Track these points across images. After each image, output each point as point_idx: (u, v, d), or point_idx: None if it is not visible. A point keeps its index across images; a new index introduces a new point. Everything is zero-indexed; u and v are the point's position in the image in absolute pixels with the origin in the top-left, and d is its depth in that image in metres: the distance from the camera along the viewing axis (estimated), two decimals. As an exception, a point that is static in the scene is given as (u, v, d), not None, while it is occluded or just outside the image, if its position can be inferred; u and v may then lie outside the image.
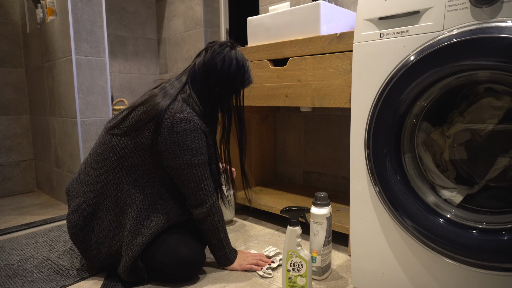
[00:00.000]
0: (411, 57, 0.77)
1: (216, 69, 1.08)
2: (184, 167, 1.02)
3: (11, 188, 2.16)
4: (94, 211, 1.04)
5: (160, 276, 1.05)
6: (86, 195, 1.05)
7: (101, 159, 1.06)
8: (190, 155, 1.02)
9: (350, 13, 1.37)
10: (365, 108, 0.88)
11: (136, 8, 2.59)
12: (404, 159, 0.86)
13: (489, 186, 0.87)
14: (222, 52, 1.09)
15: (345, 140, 1.64)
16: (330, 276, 1.10)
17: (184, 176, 1.04)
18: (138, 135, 1.02)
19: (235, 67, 1.10)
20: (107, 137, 1.07)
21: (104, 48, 1.72)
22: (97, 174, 1.05)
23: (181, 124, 1.00)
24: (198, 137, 1.03)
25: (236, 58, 1.11)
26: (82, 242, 1.04)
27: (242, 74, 1.12)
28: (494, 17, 0.68)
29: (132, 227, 1.02)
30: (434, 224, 0.78)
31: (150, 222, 1.04)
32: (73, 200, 1.08)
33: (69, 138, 1.75)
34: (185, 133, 1.00)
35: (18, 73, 2.14)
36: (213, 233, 1.08)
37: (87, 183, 1.06)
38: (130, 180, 1.04)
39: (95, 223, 1.04)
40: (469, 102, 0.88)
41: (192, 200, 1.06)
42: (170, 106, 1.02)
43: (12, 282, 1.07)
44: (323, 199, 1.06)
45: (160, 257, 1.02)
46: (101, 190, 1.04)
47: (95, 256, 1.05)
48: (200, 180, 1.05)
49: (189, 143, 1.01)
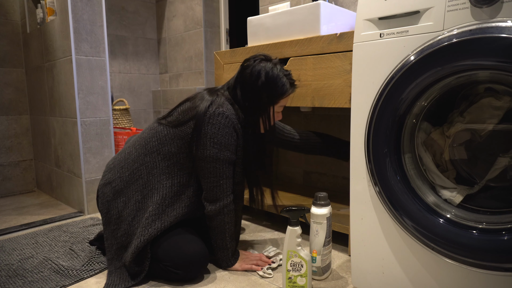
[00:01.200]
0: (411, 57, 0.77)
1: (243, 83, 1.11)
2: (209, 160, 1.05)
3: (11, 188, 2.16)
4: (125, 188, 1.10)
5: (161, 269, 1.05)
6: (123, 172, 1.12)
7: (144, 141, 1.13)
8: (217, 149, 1.04)
9: (350, 13, 1.37)
10: (365, 108, 0.88)
11: (136, 8, 2.59)
12: (404, 159, 0.86)
13: (489, 186, 0.87)
14: (251, 65, 1.11)
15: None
16: (330, 276, 1.10)
17: (207, 169, 1.06)
18: (180, 125, 1.08)
19: (263, 78, 1.08)
20: (155, 124, 1.15)
21: (104, 48, 1.72)
22: (137, 155, 1.12)
23: (218, 117, 1.03)
24: (230, 134, 1.05)
25: (266, 69, 1.09)
26: (107, 214, 1.11)
27: (270, 85, 1.09)
28: (494, 17, 0.68)
29: (154, 210, 1.05)
30: (434, 224, 0.78)
31: (171, 211, 1.07)
32: (109, 173, 1.15)
33: (69, 138, 1.75)
34: (218, 127, 1.03)
35: (18, 73, 2.14)
36: (219, 232, 1.09)
37: (126, 161, 1.13)
38: (164, 166, 1.09)
39: (122, 199, 1.10)
40: (469, 102, 0.88)
41: (208, 194, 1.08)
42: (213, 102, 1.06)
43: (12, 282, 1.07)
44: (323, 199, 1.06)
45: (167, 249, 1.04)
46: (136, 170, 1.10)
47: (113, 232, 1.09)
48: (221, 176, 1.07)
49: (220, 137, 1.04)
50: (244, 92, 1.11)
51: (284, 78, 1.11)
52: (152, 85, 2.82)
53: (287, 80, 1.12)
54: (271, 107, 1.12)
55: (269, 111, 1.12)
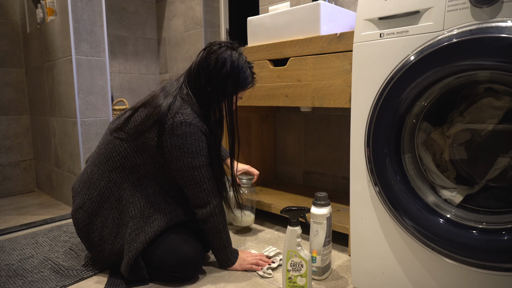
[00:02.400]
0: (411, 57, 0.77)
1: (208, 69, 1.06)
2: (186, 169, 1.03)
3: (11, 188, 2.16)
4: (98, 208, 1.06)
5: (159, 274, 1.06)
6: (90, 193, 1.07)
7: (104, 158, 1.07)
8: (191, 158, 1.02)
9: (350, 13, 1.37)
10: (365, 108, 0.88)
11: (136, 8, 2.59)
12: (404, 159, 0.86)
13: (489, 186, 0.87)
14: (217, 51, 1.07)
15: (345, 140, 1.64)
16: (330, 276, 1.10)
17: (186, 178, 1.04)
18: (141, 136, 1.03)
19: (229, 67, 1.06)
20: (110, 138, 1.08)
21: (104, 48, 1.72)
22: (101, 173, 1.07)
23: (181, 127, 1.00)
24: (199, 139, 1.03)
25: (232, 59, 1.06)
26: (87, 238, 1.07)
27: (235, 75, 1.07)
28: (494, 17, 0.68)
29: (135, 225, 1.03)
30: (434, 224, 0.78)
31: (153, 221, 1.05)
32: (78, 197, 1.09)
33: (69, 138, 1.75)
34: (185, 136, 1.00)
35: (18, 73, 2.14)
36: (215, 233, 1.08)
37: (91, 181, 1.08)
38: (133, 179, 1.05)
39: (99, 220, 1.06)
40: (469, 102, 0.88)
41: (195, 200, 1.07)
42: (170, 108, 1.01)
43: (12, 282, 1.07)
44: (323, 199, 1.06)
45: (161, 254, 1.03)
46: (104, 188, 1.06)
47: (100, 253, 1.07)
48: (202, 181, 1.05)
49: (189, 146, 1.01)
50: (208, 77, 1.06)
51: (248, 70, 1.10)
52: (152, 85, 2.82)
53: (250, 72, 1.11)
54: (232, 95, 1.10)
55: (231, 100, 1.10)
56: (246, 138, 1.78)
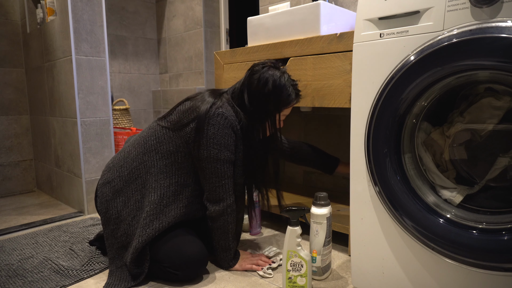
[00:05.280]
0: (411, 57, 0.77)
1: (250, 89, 1.10)
2: (210, 160, 1.05)
3: (11, 188, 2.16)
4: (125, 187, 1.10)
5: (161, 271, 1.06)
6: (122, 171, 1.11)
7: (143, 140, 1.12)
8: (217, 150, 1.04)
9: (350, 13, 1.37)
10: (365, 108, 0.88)
11: (136, 8, 2.58)
12: (404, 159, 0.86)
13: (489, 186, 0.87)
14: (259, 71, 1.10)
15: (345, 140, 1.64)
16: (330, 276, 1.10)
17: (208, 169, 1.06)
18: (180, 124, 1.08)
19: (271, 86, 1.08)
20: (154, 124, 1.15)
21: (104, 48, 1.72)
22: (136, 154, 1.11)
23: (217, 117, 1.04)
24: (229, 134, 1.06)
25: (273, 78, 1.08)
26: (106, 213, 1.10)
27: (277, 94, 1.09)
28: (494, 17, 0.68)
29: (152, 210, 1.05)
30: (434, 224, 0.78)
31: (169, 211, 1.07)
32: (109, 172, 1.14)
33: (69, 138, 1.75)
34: (218, 127, 1.04)
35: (18, 73, 2.14)
36: (222, 233, 1.09)
37: (125, 160, 1.12)
38: (161, 165, 1.08)
39: (121, 199, 1.09)
40: (469, 102, 0.88)
41: (210, 195, 1.08)
42: (214, 103, 1.07)
43: (12, 282, 1.07)
44: (323, 199, 1.06)
45: (166, 251, 1.04)
46: (135, 169, 1.10)
47: (113, 231, 1.09)
48: (222, 176, 1.06)
49: (219, 137, 1.04)
50: (251, 97, 1.11)
51: (291, 87, 1.12)
52: (152, 85, 2.82)
53: (293, 90, 1.12)
54: (275, 114, 1.12)
55: (274, 117, 1.12)
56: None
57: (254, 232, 1.43)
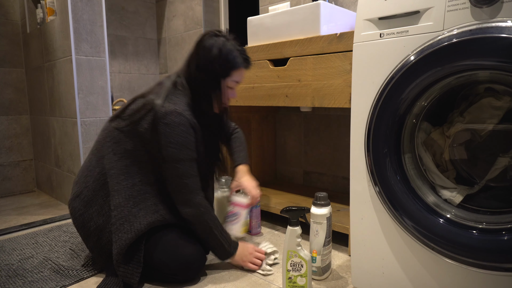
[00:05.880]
0: (411, 57, 0.77)
1: (197, 57, 1.08)
2: (170, 161, 1.01)
3: (11, 188, 2.16)
4: (94, 197, 1.06)
5: (160, 275, 1.05)
6: (87, 181, 1.07)
7: (100, 144, 1.09)
8: (176, 149, 1.00)
9: (350, 13, 1.37)
10: (365, 108, 0.88)
11: (136, 8, 2.59)
12: (404, 159, 0.86)
13: (489, 186, 0.87)
14: (204, 40, 1.08)
15: (345, 140, 1.64)
16: (330, 276, 1.10)
17: (169, 170, 1.02)
18: (134, 123, 1.04)
19: (216, 51, 1.05)
20: (107, 125, 1.11)
21: (104, 48, 1.72)
22: (96, 160, 1.08)
23: (171, 116, 0.99)
24: (186, 131, 1.01)
25: (218, 43, 1.06)
26: (83, 227, 1.06)
27: (222, 57, 1.06)
28: (494, 17, 0.68)
29: (119, 214, 1.02)
30: (434, 224, 0.78)
31: (138, 211, 1.03)
32: (76, 186, 1.10)
33: (69, 138, 1.75)
34: (173, 125, 0.99)
35: (18, 73, 2.14)
36: (208, 233, 1.06)
37: (88, 169, 1.09)
38: (121, 166, 1.05)
39: (94, 209, 1.06)
40: (469, 102, 0.88)
41: (176, 197, 1.05)
42: (164, 98, 1.03)
43: (12, 282, 1.07)
44: (323, 199, 1.06)
45: (161, 257, 1.02)
46: (98, 175, 1.06)
47: (96, 243, 1.05)
48: (185, 176, 1.03)
49: (175, 136, 1.00)
50: (197, 65, 1.07)
51: (237, 51, 1.09)
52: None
53: (240, 54, 1.10)
54: (223, 80, 1.09)
55: (222, 85, 1.09)
56: (246, 138, 1.77)
57: (254, 232, 1.43)
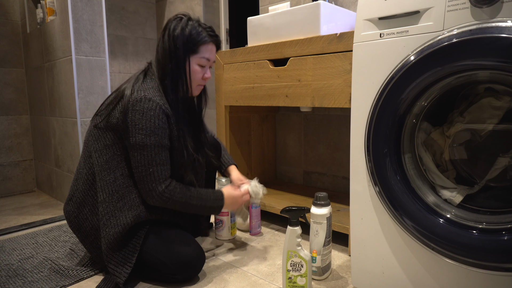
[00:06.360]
0: (411, 57, 0.77)
1: (162, 41, 1.07)
2: (137, 147, 0.99)
3: (11, 188, 2.16)
4: (85, 197, 1.07)
5: (159, 275, 1.05)
6: (78, 183, 1.09)
7: (85, 145, 1.10)
8: (143, 135, 0.98)
9: (350, 13, 1.37)
10: (365, 108, 0.88)
11: (136, 8, 2.58)
12: (404, 159, 0.86)
13: (489, 186, 0.87)
14: (168, 22, 1.08)
15: (345, 140, 1.64)
16: (330, 276, 1.10)
17: (135, 157, 1.00)
18: (109, 115, 1.04)
19: (178, 30, 1.04)
20: (89, 124, 1.12)
21: (104, 48, 1.72)
22: (84, 161, 1.09)
23: (140, 102, 0.98)
24: (156, 116, 0.99)
25: (180, 24, 1.05)
26: (79, 229, 1.07)
27: (185, 34, 1.05)
28: (494, 17, 0.68)
29: (104, 210, 1.01)
30: (434, 224, 0.78)
31: (123, 205, 1.02)
32: (70, 189, 1.11)
33: (69, 138, 1.75)
34: (142, 112, 0.98)
35: (18, 73, 2.14)
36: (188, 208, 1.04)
37: (78, 171, 1.10)
38: (102, 162, 1.04)
39: (88, 209, 1.06)
40: (469, 102, 0.88)
41: (141, 186, 1.01)
42: (134, 86, 1.02)
43: (12, 282, 1.07)
44: (323, 199, 1.06)
45: (160, 256, 1.02)
46: (86, 175, 1.07)
47: (93, 242, 1.07)
48: (150, 164, 0.99)
49: (144, 122, 0.98)
50: (163, 48, 1.06)
51: (200, 27, 1.07)
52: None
53: (204, 30, 1.08)
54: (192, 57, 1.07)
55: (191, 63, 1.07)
56: (246, 138, 1.78)
57: (254, 232, 1.43)
